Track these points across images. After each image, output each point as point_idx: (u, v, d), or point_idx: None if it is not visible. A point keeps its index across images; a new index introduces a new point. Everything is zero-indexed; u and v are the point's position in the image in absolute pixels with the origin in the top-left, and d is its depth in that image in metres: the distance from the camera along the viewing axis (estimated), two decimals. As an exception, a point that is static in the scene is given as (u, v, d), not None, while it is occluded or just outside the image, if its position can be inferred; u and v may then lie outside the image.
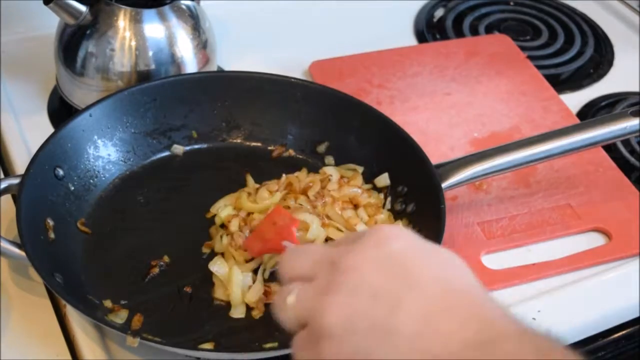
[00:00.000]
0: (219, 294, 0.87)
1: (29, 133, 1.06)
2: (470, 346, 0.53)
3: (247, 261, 0.89)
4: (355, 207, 0.96)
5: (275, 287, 0.86)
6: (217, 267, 0.88)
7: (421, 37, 1.35)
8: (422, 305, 0.55)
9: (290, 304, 0.60)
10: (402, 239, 0.60)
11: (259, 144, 1.06)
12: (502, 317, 0.56)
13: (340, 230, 0.92)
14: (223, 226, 0.94)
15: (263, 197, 0.95)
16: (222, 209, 0.95)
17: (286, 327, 0.62)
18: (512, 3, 1.47)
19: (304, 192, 0.96)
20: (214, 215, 0.95)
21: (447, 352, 0.53)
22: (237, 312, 0.86)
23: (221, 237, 0.92)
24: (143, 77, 1.04)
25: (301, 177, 0.98)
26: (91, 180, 0.97)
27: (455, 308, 0.55)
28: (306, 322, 0.59)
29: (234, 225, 0.92)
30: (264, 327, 0.84)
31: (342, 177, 1.00)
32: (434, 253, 0.60)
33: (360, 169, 1.01)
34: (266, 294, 0.87)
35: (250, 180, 1.00)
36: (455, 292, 0.57)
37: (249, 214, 0.94)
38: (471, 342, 0.53)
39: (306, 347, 0.59)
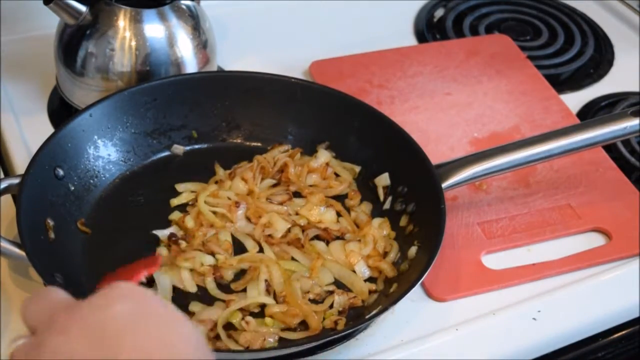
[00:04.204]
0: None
1: (29, 133, 1.06)
2: None
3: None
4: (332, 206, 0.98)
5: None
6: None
7: (421, 37, 1.35)
8: None
9: (7, 355, 0.59)
10: (127, 303, 0.56)
11: (259, 144, 1.06)
12: None
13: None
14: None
15: (238, 188, 0.97)
16: (183, 193, 0.98)
17: None
18: (512, 3, 1.47)
19: (281, 170, 0.99)
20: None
21: None
22: None
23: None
24: (143, 77, 1.04)
25: (268, 158, 1.00)
26: (91, 180, 0.97)
27: None
28: None
29: (189, 222, 0.93)
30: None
31: (328, 164, 1.01)
32: (156, 322, 0.57)
33: (357, 169, 1.02)
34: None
35: (219, 169, 1.01)
36: None
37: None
38: None
39: None
